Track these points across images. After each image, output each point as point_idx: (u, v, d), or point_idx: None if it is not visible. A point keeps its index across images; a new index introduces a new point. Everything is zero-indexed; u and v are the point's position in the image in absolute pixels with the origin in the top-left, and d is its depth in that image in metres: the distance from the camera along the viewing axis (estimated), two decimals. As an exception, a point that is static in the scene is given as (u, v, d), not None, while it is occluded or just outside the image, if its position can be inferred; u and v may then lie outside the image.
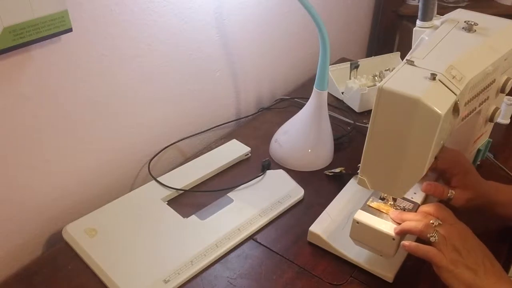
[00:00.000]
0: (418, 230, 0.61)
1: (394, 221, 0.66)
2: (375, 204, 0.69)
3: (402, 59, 0.77)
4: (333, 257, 0.73)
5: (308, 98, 0.91)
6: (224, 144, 0.97)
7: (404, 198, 0.72)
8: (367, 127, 0.61)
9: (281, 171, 0.91)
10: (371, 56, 1.24)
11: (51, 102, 0.71)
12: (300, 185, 0.87)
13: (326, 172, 0.91)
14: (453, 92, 0.58)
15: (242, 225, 0.77)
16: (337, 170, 0.90)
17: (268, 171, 0.90)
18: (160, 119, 0.92)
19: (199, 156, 0.93)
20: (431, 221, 0.61)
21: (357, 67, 1.16)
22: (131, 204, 0.80)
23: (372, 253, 0.70)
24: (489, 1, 1.63)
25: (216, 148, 0.95)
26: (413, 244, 0.62)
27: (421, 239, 0.62)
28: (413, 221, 0.63)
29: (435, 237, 0.60)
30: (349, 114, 1.11)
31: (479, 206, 0.71)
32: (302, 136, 0.92)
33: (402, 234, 0.64)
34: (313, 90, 0.88)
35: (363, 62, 1.18)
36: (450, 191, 0.69)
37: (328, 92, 0.90)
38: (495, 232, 0.79)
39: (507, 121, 1.07)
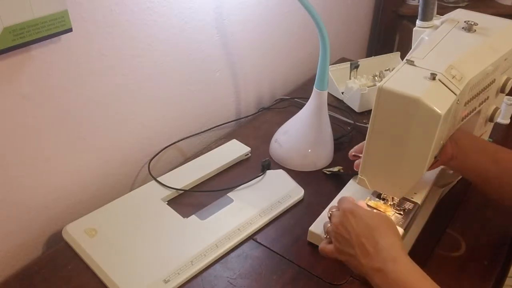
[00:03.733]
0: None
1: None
2: (372, 203, 0.69)
3: (402, 59, 0.77)
4: (333, 257, 0.73)
5: (308, 98, 0.91)
6: (224, 144, 0.97)
7: (404, 198, 0.72)
8: (367, 127, 0.61)
9: (281, 171, 0.91)
10: (371, 56, 1.24)
11: (51, 102, 0.71)
12: (300, 185, 0.87)
13: (325, 171, 0.91)
14: (453, 92, 0.58)
15: (242, 225, 0.77)
16: (335, 169, 0.90)
17: (268, 171, 0.90)
18: (160, 119, 0.92)
19: (199, 156, 0.93)
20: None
21: (357, 67, 1.16)
22: (131, 204, 0.80)
23: (372, 253, 0.70)
24: (489, 1, 1.63)
25: (216, 148, 0.95)
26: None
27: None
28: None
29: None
30: (349, 114, 1.11)
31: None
32: (302, 136, 0.92)
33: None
34: (313, 90, 0.88)
35: (363, 62, 1.18)
36: None
37: (328, 92, 0.90)
38: (495, 232, 0.79)
39: (507, 121, 1.07)
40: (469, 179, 0.73)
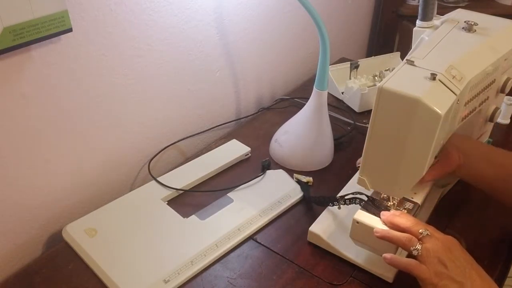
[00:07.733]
0: (401, 243, 0.61)
1: (384, 223, 0.65)
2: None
3: (402, 59, 0.77)
4: (333, 257, 0.73)
5: (308, 98, 0.91)
6: (224, 144, 0.97)
7: (404, 198, 0.72)
8: (367, 127, 0.61)
9: (281, 171, 0.91)
10: (371, 56, 1.24)
11: (51, 102, 0.71)
12: (300, 185, 0.87)
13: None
14: (453, 92, 0.58)
15: (242, 225, 0.77)
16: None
17: (268, 171, 0.90)
18: (160, 119, 0.92)
19: (199, 156, 0.93)
20: (420, 231, 0.61)
21: (357, 67, 1.16)
22: (131, 204, 0.80)
23: (372, 253, 0.70)
24: (489, 1, 1.63)
25: (216, 148, 0.95)
26: (394, 257, 0.62)
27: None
28: (401, 226, 0.63)
29: (418, 250, 0.60)
30: (349, 114, 1.11)
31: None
32: (302, 136, 0.92)
33: (384, 239, 0.63)
34: (313, 90, 0.88)
35: (363, 62, 1.18)
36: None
37: (328, 92, 0.90)
38: (495, 232, 0.79)
39: (507, 121, 1.07)
40: (477, 186, 0.73)
